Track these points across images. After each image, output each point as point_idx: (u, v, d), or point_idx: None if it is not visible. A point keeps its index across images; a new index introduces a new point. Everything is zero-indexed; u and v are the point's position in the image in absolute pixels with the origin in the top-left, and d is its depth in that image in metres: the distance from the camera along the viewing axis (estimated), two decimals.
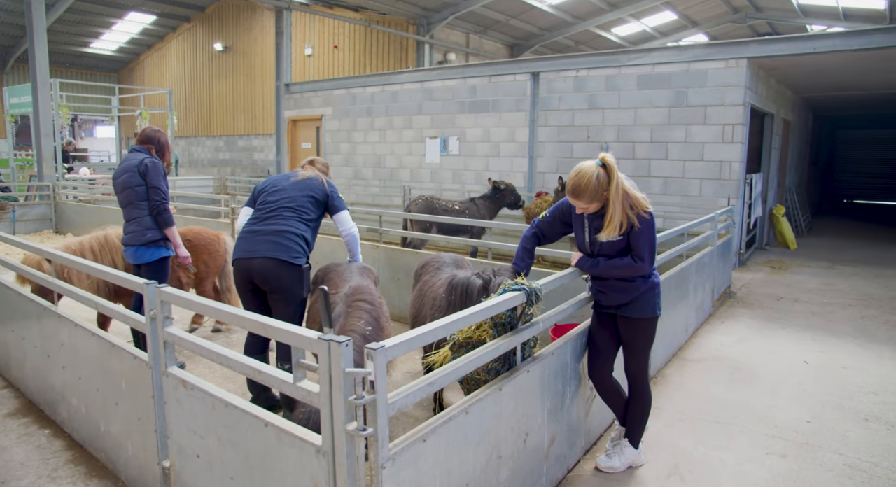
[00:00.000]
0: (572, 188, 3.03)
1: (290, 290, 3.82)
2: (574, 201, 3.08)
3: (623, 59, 10.07)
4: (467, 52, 20.46)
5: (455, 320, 2.18)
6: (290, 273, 3.79)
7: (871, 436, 3.97)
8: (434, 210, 8.82)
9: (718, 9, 21.47)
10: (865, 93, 13.36)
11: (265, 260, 3.75)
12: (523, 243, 3.44)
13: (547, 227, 3.43)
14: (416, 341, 1.99)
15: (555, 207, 3.44)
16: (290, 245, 3.82)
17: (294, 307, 3.89)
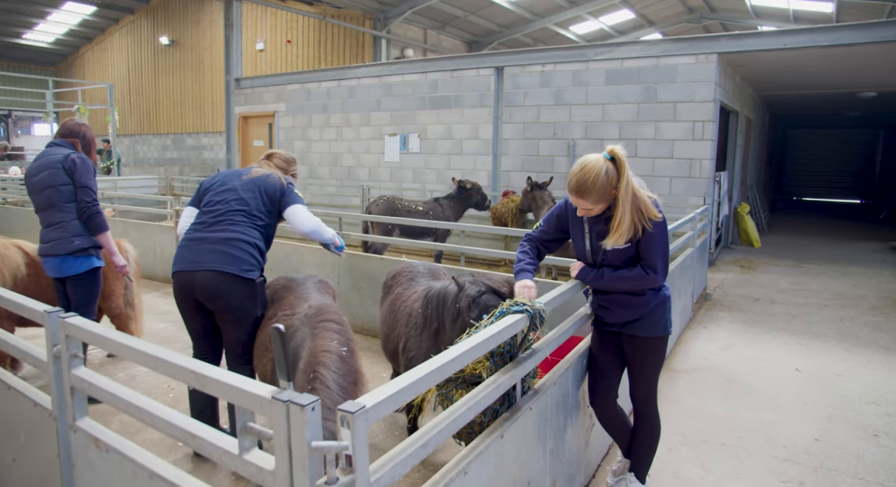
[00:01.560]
0: (576, 185, 2.57)
1: (241, 309, 3.25)
2: (577, 201, 2.62)
3: (590, 53, 9.75)
4: (425, 48, 19.95)
5: (449, 360, 1.68)
6: (240, 289, 3.21)
7: (885, 456, 3.65)
8: (396, 211, 8.30)
9: (675, 8, 21.55)
10: (818, 93, 13.45)
11: (211, 273, 3.16)
12: (526, 249, 2.96)
13: (544, 239, 2.96)
14: (405, 394, 1.48)
15: (548, 215, 2.97)
16: (241, 255, 3.21)
17: (246, 328, 3.30)
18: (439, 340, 3.23)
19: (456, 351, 1.71)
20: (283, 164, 3.68)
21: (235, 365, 3.33)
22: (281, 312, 3.13)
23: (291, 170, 3.71)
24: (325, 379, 2.58)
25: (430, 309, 3.29)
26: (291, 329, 2.92)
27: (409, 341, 3.38)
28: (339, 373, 2.68)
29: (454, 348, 1.74)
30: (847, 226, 15.74)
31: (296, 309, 3.09)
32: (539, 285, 4.70)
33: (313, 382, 2.57)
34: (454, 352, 1.70)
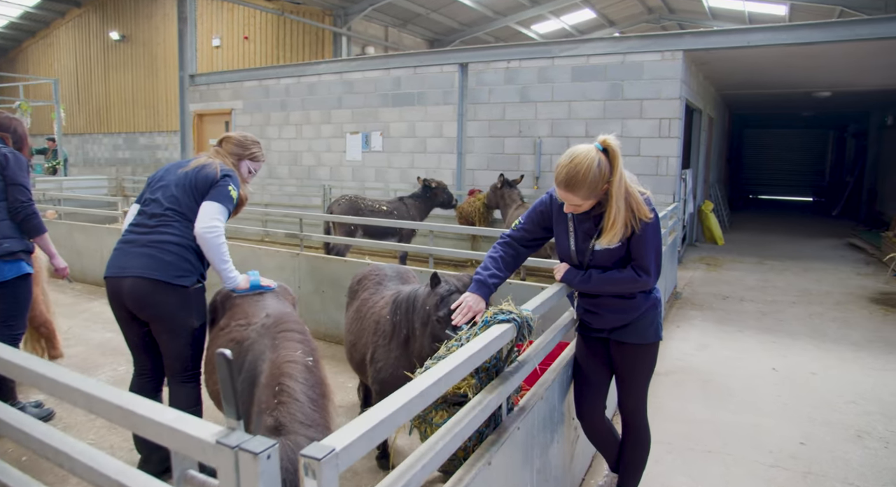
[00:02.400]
0: (566, 178, 2.34)
1: (173, 319, 2.91)
2: (566, 195, 2.39)
3: (556, 49, 9.61)
4: (386, 46, 19.61)
5: (433, 382, 1.42)
6: (169, 296, 2.88)
7: (871, 458, 3.55)
8: (359, 211, 8.00)
9: (635, 8, 21.72)
10: (776, 92, 13.64)
11: (137, 280, 2.82)
12: (495, 255, 2.69)
13: (525, 238, 2.71)
14: (382, 429, 1.22)
15: (530, 211, 2.73)
16: (172, 260, 2.87)
17: (184, 340, 2.95)
18: (410, 349, 2.97)
19: (440, 371, 1.45)
20: (238, 149, 3.25)
21: (175, 383, 3.01)
22: (235, 322, 2.82)
23: (249, 153, 3.28)
24: (294, 392, 2.30)
25: (399, 314, 3.03)
26: (247, 341, 2.62)
27: (378, 351, 3.11)
28: (308, 384, 2.41)
29: (438, 367, 1.48)
30: (803, 222, 16.08)
31: (252, 319, 2.78)
32: (512, 288, 4.50)
33: (280, 395, 2.29)
34: (438, 373, 1.44)
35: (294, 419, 2.21)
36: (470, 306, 2.49)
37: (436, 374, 1.43)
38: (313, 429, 2.22)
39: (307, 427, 2.19)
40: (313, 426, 2.26)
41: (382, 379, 3.04)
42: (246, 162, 3.28)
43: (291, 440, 2.10)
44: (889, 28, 7.75)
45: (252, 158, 3.31)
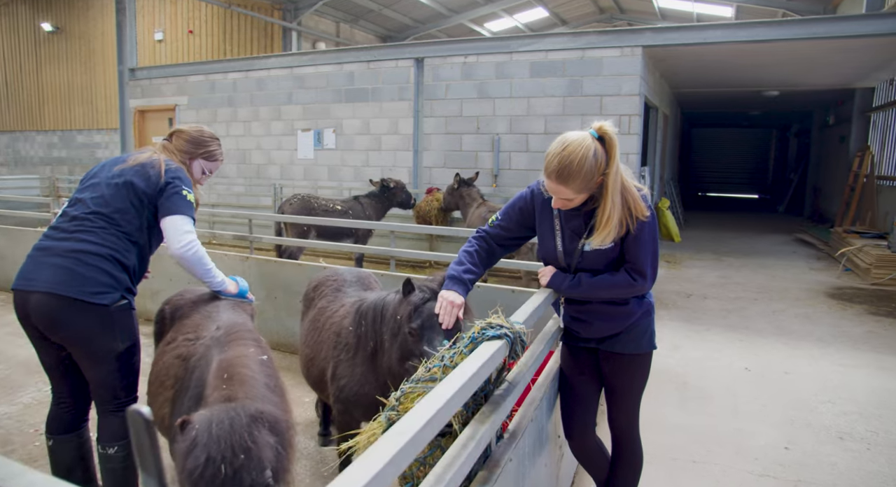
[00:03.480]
0: (558, 168, 2.06)
1: (90, 343, 2.47)
2: (557, 188, 2.12)
3: (514, 44, 9.40)
4: (338, 42, 19.11)
5: (424, 424, 1.11)
6: (85, 317, 2.42)
7: (856, 461, 3.42)
8: (312, 211, 7.60)
9: (587, 8, 21.86)
10: (727, 91, 13.82)
11: (44, 296, 2.39)
12: (470, 250, 2.42)
13: (502, 236, 2.44)
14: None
15: (509, 207, 2.45)
16: (89, 273, 2.42)
17: (107, 367, 2.51)
18: (377, 364, 2.66)
19: (431, 408, 1.15)
20: (191, 146, 2.81)
21: (105, 413, 2.57)
22: (182, 336, 2.44)
23: (203, 151, 2.85)
24: (245, 376, 2.04)
25: (365, 325, 2.71)
26: (194, 358, 2.26)
27: (340, 366, 2.78)
28: (264, 374, 2.13)
29: (428, 402, 1.17)
30: (752, 219, 16.43)
31: (201, 333, 2.41)
32: (485, 292, 4.22)
33: (229, 381, 2.01)
34: (428, 410, 1.14)
35: (247, 396, 1.94)
36: (452, 302, 2.22)
37: (426, 411, 1.12)
38: (271, 406, 1.94)
39: (264, 404, 1.91)
40: (271, 404, 1.98)
41: (346, 398, 2.71)
42: (199, 161, 2.85)
43: (240, 404, 1.84)
44: (841, 27, 7.85)
45: (207, 157, 2.87)
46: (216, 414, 1.78)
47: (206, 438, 1.69)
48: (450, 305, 2.22)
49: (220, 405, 1.86)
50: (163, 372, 2.43)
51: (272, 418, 1.87)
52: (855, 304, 7.00)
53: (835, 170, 14.89)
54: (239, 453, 1.69)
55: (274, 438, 1.83)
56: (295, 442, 1.98)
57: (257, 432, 1.77)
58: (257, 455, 1.72)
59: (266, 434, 1.80)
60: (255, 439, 1.74)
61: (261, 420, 1.81)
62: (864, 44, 8.16)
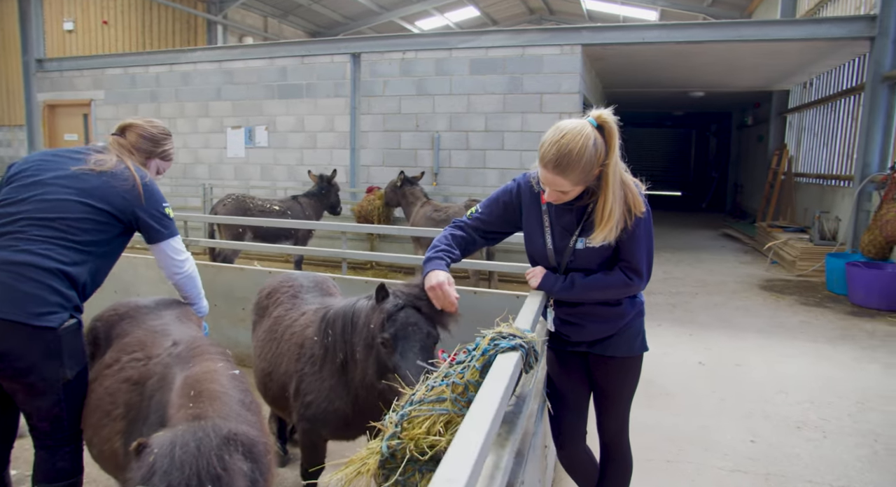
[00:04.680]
0: (556, 157, 1.90)
1: (31, 373, 2.08)
2: (554, 179, 1.95)
3: (454, 41, 9.29)
4: (265, 37, 18.43)
5: (471, 471, 0.92)
6: (25, 343, 2.05)
7: (817, 450, 3.48)
8: (248, 211, 7.20)
9: (517, 8, 22.09)
10: (657, 91, 14.25)
11: None
12: (447, 234, 2.25)
13: (480, 228, 2.27)
14: None
15: (492, 200, 2.28)
16: (33, 290, 2.05)
17: (53, 398, 2.14)
18: (348, 377, 2.43)
19: (473, 446, 0.96)
20: (148, 144, 2.51)
21: (44, 449, 2.21)
22: (128, 356, 2.12)
23: (161, 151, 2.56)
24: (215, 392, 1.78)
25: (333, 335, 2.48)
26: (151, 379, 1.96)
27: (305, 381, 2.53)
28: (238, 389, 1.88)
29: (467, 439, 0.98)
30: (678, 216, 17.04)
31: (153, 351, 2.10)
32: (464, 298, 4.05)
33: (197, 399, 1.75)
34: (471, 449, 0.94)
35: (219, 414, 1.68)
36: (440, 284, 2.03)
37: (469, 454, 0.94)
38: (246, 426, 1.68)
39: (238, 424, 1.66)
40: (246, 424, 1.72)
41: (313, 415, 2.47)
42: (156, 161, 2.56)
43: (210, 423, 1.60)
44: (768, 31, 8.16)
45: (164, 156, 2.60)
46: (180, 436, 1.52)
47: (167, 464, 1.44)
48: (439, 289, 2.03)
49: (185, 424, 1.60)
50: (106, 400, 2.10)
51: (247, 440, 1.62)
52: (786, 295, 7.29)
53: (754, 168, 15.64)
54: (206, 482, 1.44)
55: (249, 464, 1.59)
56: (274, 469, 1.73)
57: (229, 457, 1.52)
58: (228, 484, 1.48)
59: (239, 460, 1.56)
60: (225, 465, 1.50)
61: (234, 443, 1.56)
62: (785, 48, 8.54)
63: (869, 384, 4.54)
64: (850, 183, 8.91)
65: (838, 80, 10.25)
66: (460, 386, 1.46)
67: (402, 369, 2.09)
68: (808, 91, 12.08)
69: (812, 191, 10.92)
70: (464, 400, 1.44)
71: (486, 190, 9.24)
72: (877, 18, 7.82)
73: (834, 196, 9.62)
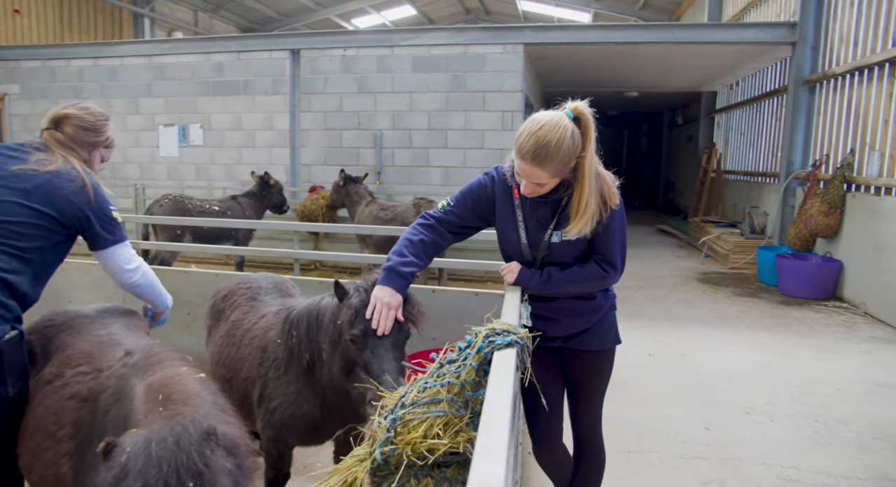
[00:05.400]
0: (534, 149, 1.87)
1: None
2: (531, 171, 1.93)
3: (396, 38, 9.20)
4: (196, 32, 17.74)
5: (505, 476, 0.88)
6: None
7: (766, 433, 3.64)
8: (187, 212, 6.91)
9: (454, 8, 22.19)
10: (593, 91, 14.49)
11: None
12: (413, 239, 2.18)
13: (453, 223, 2.23)
14: None
15: (465, 192, 2.24)
16: None
17: None
18: (315, 379, 2.35)
19: (499, 452, 0.91)
20: (90, 135, 2.26)
21: None
22: (73, 370, 1.94)
23: (104, 139, 2.32)
24: (186, 393, 1.65)
25: (297, 336, 2.38)
26: (105, 394, 1.79)
27: (270, 386, 2.43)
28: (209, 391, 1.76)
29: (489, 446, 0.94)
30: None
31: (101, 362, 1.94)
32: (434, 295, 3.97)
33: (167, 402, 1.61)
34: (498, 455, 0.90)
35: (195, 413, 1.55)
36: (387, 303, 2.00)
37: (497, 461, 0.89)
38: (227, 426, 1.57)
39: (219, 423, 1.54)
40: (225, 423, 1.60)
41: (279, 421, 2.37)
42: (100, 151, 2.33)
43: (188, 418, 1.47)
44: (700, 34, 8.49)
45: (107, 144, 2.36)
46: (156, 432, 1.39)
47: (143, 462, 1.31)
48: (385, 307, 1.99)
49: (160, 421, 1.46)
50: (49, 420, 1.91)
51: (229, 437, 1.51)
52: (723, 287, 7.61)
53: (684, 166, 16.28)
54: (187, 479, 1.32)
55: (232, 461, 1.47)
56: (255, 473, 1.62)
57: (210, 452, 1.40)
58: (210, 481, 1.36)
59: (222, 456, 1.43)
60: (207, 461, 1.37)
61: (215, 439, 1.43)
62: (715, 50, 8.90)
63: (804, 368, 4.79)
64: (776, 179, 9.40)
65: (762, 83, 10.79)
66: (456, 386, 1.41)
67: (374, 366, 2.02)
68: (734, 92, 12.66)
69: (740, 188, 11.46)
70: (461, 401, 1.40)
71: (429, 188, 9.21)
72: (797, 25, 8.28)
73: (761, 192, 10.12)
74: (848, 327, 5.94)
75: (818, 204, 7.24)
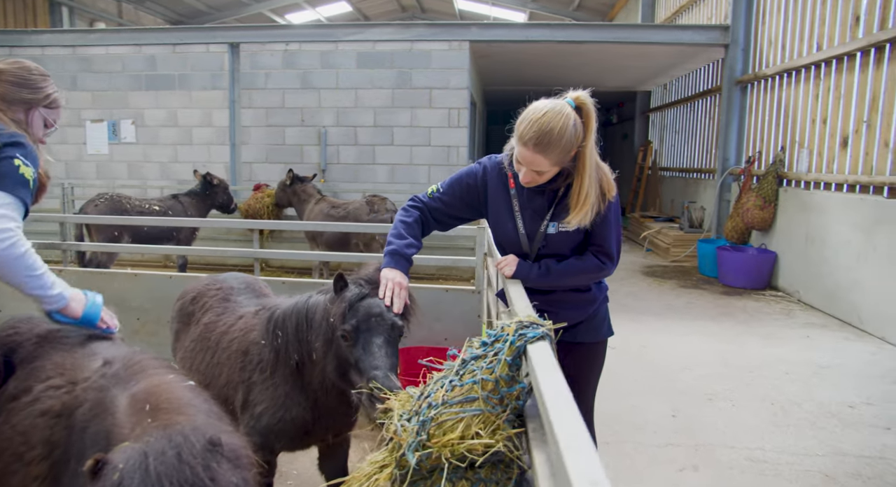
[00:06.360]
0: (537, 135, 1.86)
1: None
2: (533, 158, 1.91)
3: (340, 33, 9.03)
4: (120, 23, 16.82)
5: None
6: None
7: (729, 418, 3.78)
8: (125, 212, 6.56)
9: (389, 5, 22.05)
10: (531, 90, 14.78)
11: None
12: (408, 220, 2.17)
13: (441, 210, 2.20)
14: None
15: (455, 180, 2.21)
16: None
17: None
18: (305, 381, 2.25)
19: (588, 452, 0.88)
20: (22, 91, 1.97)
21: None
22: (42, 384, 1.77)
23: (42, 96, 2.03)
24: (177, 402, 1.52)
25: (284, 336, 2.27)
26: (82, 408, 1.63)
27: (254, 390, 2.30)
28: (201, 399, 1.62)
29: (578, 445, 0.90)
30: None
31: (75, 375, 1.76)
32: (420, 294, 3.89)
33: (156, 412, 1.46)
34: (590, 458, 0.86)
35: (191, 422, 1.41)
36: (400, 284, 2.00)
37: (592, 456, 0.86)
38: (229, 436, 1.42)
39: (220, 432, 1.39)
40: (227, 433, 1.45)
41: (267, 426, 2.25)
42: (39, 110, 2.04)
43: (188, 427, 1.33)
44: (641, 34, 8.76)
45: (49, 103, 2.07)
46: (153, 444, 1.25)
47: (140, 479, 1.17)
48: (397, 287, 1.99)
49: (156, 432, 1.31)
50: (16, 441, 1.71)
51: (233, 448, 1.37)
52: (667, 280, 7.88)
53: (621, 163, 16.75)
54: None
55: (239, 474, 1.35)
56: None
57: (216, 465, 1.26)
58: None
59: (229, 470, 1.29)
60: (214, 475, 1.24)
61: (220, 450, 1.30)
62: (653, 50, 9.19)
63: (753, 355, 5.01)
64: (711, 175, 9.81)
65: (696, 83, 11.24)
66: (490, 383, 1.36)
67: (364, 363, 1.95)
68: (667, 92, 13.14)
69: (676, 184, 11.91)
70: (496, 398, 1.35)
71: (376, 186, 9.09)
72: (729, 28, 8.67)
73: (697, 187, 10.54)
74: (786, 314, 6.27)
75: (754, 198, 7.60)
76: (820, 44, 6.90)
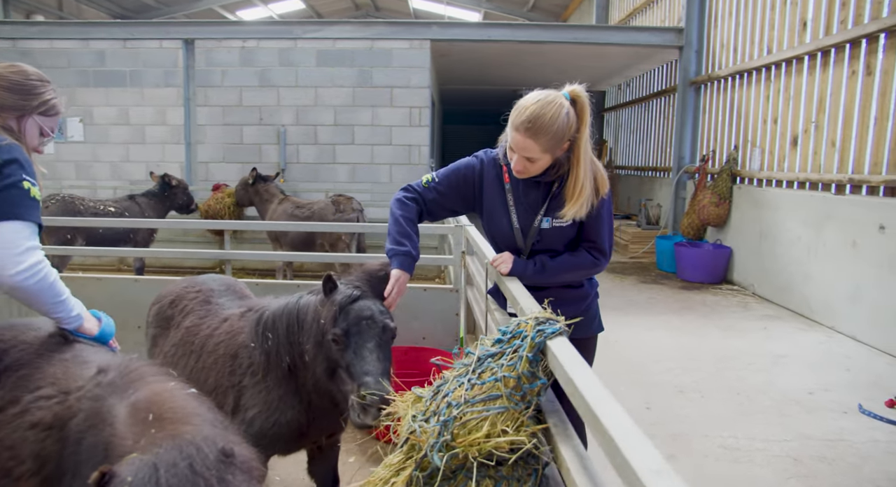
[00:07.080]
0: (530, 119, 1.89)
1: None
2: (525, 142, 1.92)
3: (298, 30, 8.89)
4: (60, 16, 16.12)
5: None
6: None
7: (700, 409, 3.91)
8: (78, 213, 6.30)
9: (343, 3, 21.85)
10: (487, 89, 14.91)
11: None
12: (408, 216, 2.17)
13: (435, 200, 2.20)
14: None
15: (450, 170, 2.21)
16: None
17: None
18: (298, 383, 2.21)
19: (645, 445, 0.90)
20: (13, 97, 1.85)
21: None
22: (32, 395, 1.68)
23: (38, 103, 1.90)
24: (182, 410, 1.44)
25: (275, 338, 2.23)
26: (77, 418, 1.56)
27: (246, 394, 2.25)
28: (205, 407, 1.54)
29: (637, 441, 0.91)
30: None
31: (68, 384, 1.68)
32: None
33: (160, 422, 1.39)
34: (649, 452, 0.88)
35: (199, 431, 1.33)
36: (402, 281, 2.08)
37: (649, 447, 0.88)
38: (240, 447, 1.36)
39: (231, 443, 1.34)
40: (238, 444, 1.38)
41: (260, 430, 2.20)
42: (34, 118, 1.91)
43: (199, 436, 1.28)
44: (599, 35, 8.95)
45: (46, 110, 1.94)
46: (163, 456, 1.18)
47: None
48: (401, 285, 2.08)
49: (165, 443, 1.24)
50: (4, 456, 1.62)
51: (246, 459, 1.32)
52: (628, 276, 8.06)
53: None
54: None
55: None
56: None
57: (232, 477, 1.20)
58: None
59: (244, 482, 1.23)
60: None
61: (234, 461, 1.24)
62: (610, 51, 9.39)
63: (716, 347, 5.19)
64: (667, 173, 10.09)
65: (651, 83, 11.53)
66: (512, 380, 1.37)
67: (355, 368, 1.94)
68: (622, 92, 13.44)
69: (632, 182, 12.20)
70: (518, 395, 1.36)
71: (336, 185, 8.99)
72: (683, 31, 8.93)
73: (653, 185, 10.83)
74: (743, 307, 6.51)
75: (709, 196, 7.85)
76: (770, 47, 7.18)
